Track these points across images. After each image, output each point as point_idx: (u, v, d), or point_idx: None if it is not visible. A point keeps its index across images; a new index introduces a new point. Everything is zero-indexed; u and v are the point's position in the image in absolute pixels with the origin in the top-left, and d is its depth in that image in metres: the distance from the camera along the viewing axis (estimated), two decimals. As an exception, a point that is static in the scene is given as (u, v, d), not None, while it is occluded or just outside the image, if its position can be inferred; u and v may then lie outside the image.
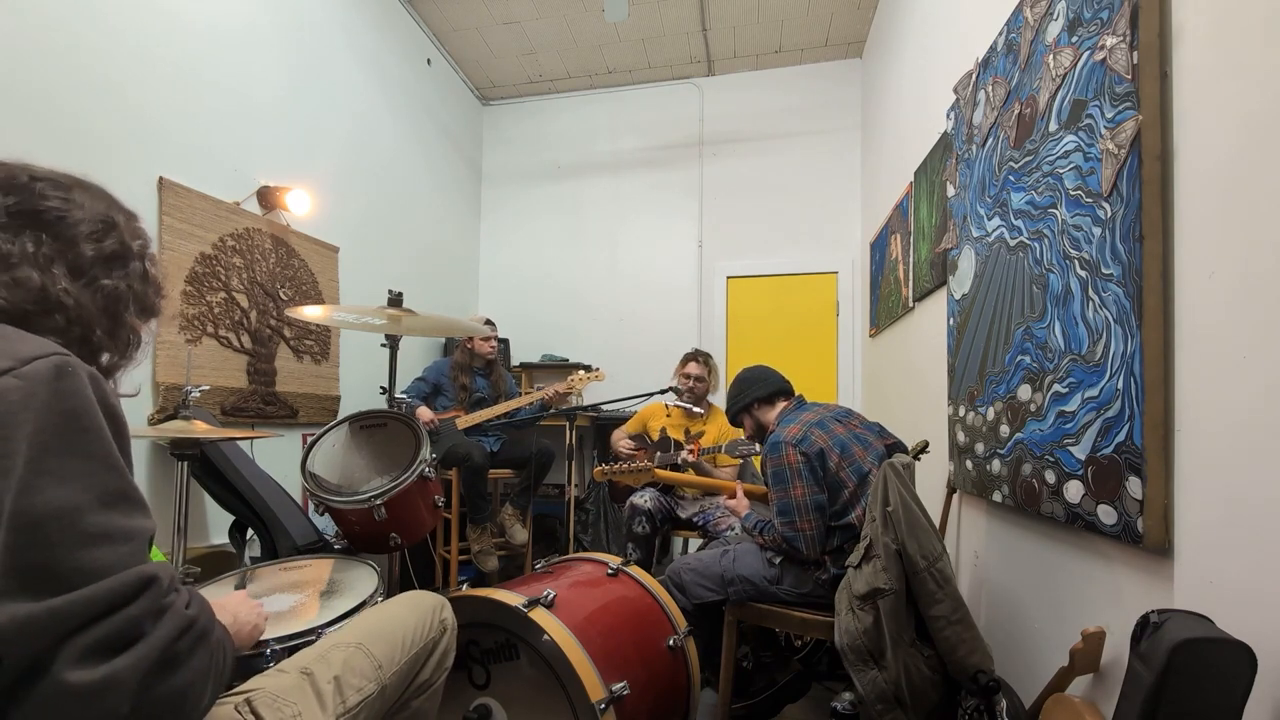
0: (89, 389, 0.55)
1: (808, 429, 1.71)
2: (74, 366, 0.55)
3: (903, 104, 2.97)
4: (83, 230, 0.68)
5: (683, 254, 4.34)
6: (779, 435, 1.73)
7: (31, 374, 0.52)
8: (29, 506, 0.49)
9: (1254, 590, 0.87)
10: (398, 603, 1.07)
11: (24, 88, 1.80)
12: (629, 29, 3.89)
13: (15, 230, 0.63)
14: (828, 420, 1.76)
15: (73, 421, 0.53)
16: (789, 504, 1.66)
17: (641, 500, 2.59)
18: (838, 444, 1.69)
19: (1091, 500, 1.18)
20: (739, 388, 1.99)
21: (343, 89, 3.23)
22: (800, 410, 1.85)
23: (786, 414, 1.86)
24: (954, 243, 2.00)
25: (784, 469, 1.67)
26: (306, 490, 1.61)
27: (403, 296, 1.80)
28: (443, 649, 1.06)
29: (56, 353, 0.55)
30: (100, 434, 0.55)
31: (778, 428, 1.80)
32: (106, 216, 0.71)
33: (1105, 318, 1.15)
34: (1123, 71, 1.11)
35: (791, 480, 1.66)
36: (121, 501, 0.56)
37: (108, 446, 0.56)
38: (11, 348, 0.53)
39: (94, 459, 0.54)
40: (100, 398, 0.56)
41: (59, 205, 0.67)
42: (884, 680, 1.43)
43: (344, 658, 0.89)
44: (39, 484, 0.50)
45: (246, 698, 0.78)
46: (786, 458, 1.68)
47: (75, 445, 0.53)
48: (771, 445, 1.73)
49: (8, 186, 0.65)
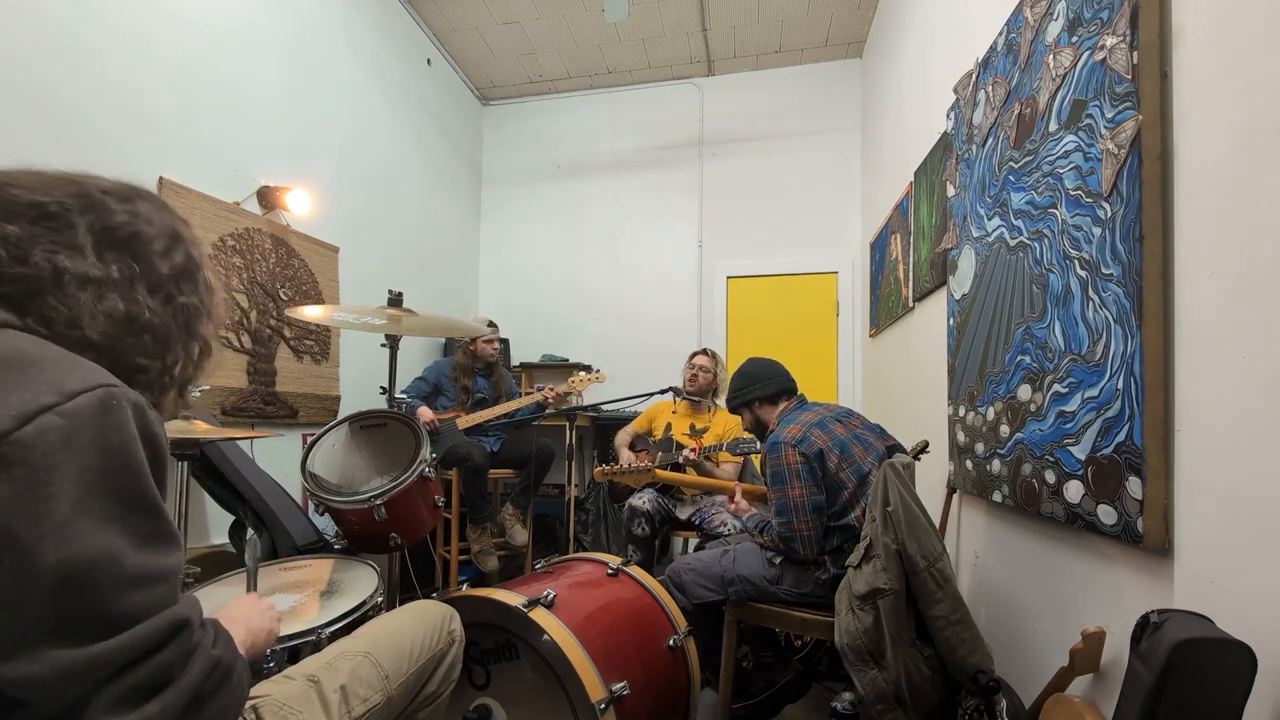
0: (132, 423, 0.53)
1: (807, 430, 1.71)
2: (119, 399, 0.53)
3: (903, 104, 2.97)
4: (156, 247, 0.65)
5: (683, 254, 4.34)
6: (778, 436, 1.73)
7: (75, 411, 0.49)
8: (72, 553, 0.48)
9: (1254, 590, 0.87)
10: (406, 613, 1.06)
11: (24, 87, 1.80)
12: (629, 29, 3.89)
13: (98, 253, 0.60)
14: (828, 421, 1.76)
15: (115, 460, 0.51)
16: (786, 504, 1.66)
17: (640, 502, 2.59)
18: (837, 444, 1.69)
19: (1091, 500, 1.18)
20: (743, 381, 1.98)
21: (343, 89, 3.23)
22: (801, 410, 1.84)
23: (787, 414, 1.86)
24: (954, 243, 2.00)
25: (783, 469, 1.68)
26: (306, 490, 1.61)
27: (403, 296, 1.80)
28: (450, 661, 1.05)
29: (102, 384, 0.52)
30: (140, 471, 0.53)
31: (777, 428, 1.79)
32: (172, 229, 0.68)
33: (1105, 318, 1.15)
34: (1123, 71, 1.11)
35: (790, 481, 1.66)
36: (158, 540, 0.55)
37: (146, 483, 0.54)
38: (58, 379, 0.50)
39: (132, 498, 0.53)
40: (143, 429, 0.54)
41: (129, 220, 0.63)
42: (884, 680, 1.43)
43: (351, 667, 0.89)
44: (82, 528, 0.49)
45: (253, 705, 0.78)
46: (785, 458, 1.68)
47: (115, 484, 0.51)
48: (771, 445, 1.73)
49: (84, 204, 0.61)
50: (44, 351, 0.53)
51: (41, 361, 0.51)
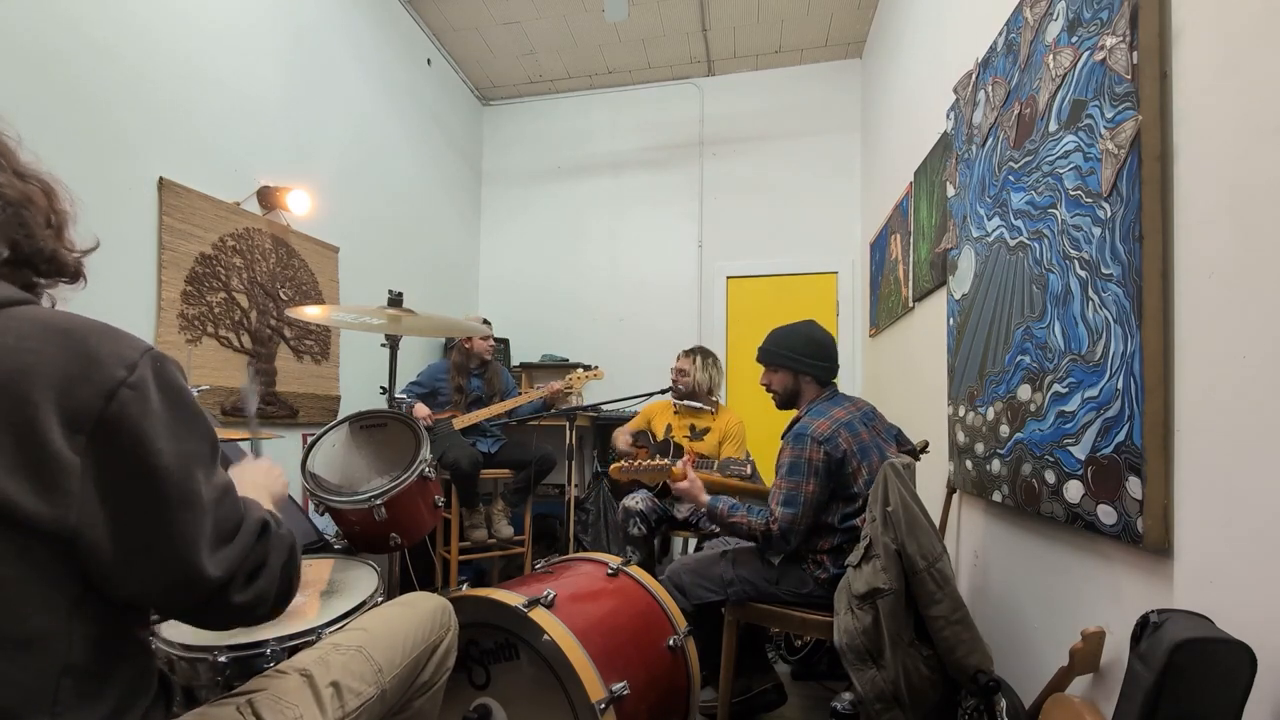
0: (177, 374, 0.64)
1: (837, 429, 1.68)
2: (159, 358, 0.63)
3: (903, 104, 2.97)
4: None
5: (683, 254, 4.34)
6: (807, 427, 1.69)
7: (141, 382, 0.59)
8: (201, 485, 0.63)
9: (1254, 590, 0.87)
10: (399, 605, 1.07)
11: (25, 87, 1.80)
12: (629, 29, 3.89)
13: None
14: (856, 423, 1.73)
15: (181, 407, 0.63)
16: (797, 496, 1.65)
17: (633, 502, 2.59)
18: (860, 450, 1.68)
19: (1091, 500, 1.18)
20: (811, 347, 1.84)
21: (343, 89, 3.23)
22: (834, 404, 1.79)
23: (819, 402, 1.81)
24: (954, 243, 2.00)
25: (803, 463, 1.66)
26: (306, 490, 1.61)
27: (403, 296, 1.80)
28: (443, 650, 1.06)
29: (147, 350, 0.62)
30: (200, 409, 0.66)
31: (807, 416, 1.76)
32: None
33: (1105, 318, 1.15)
34: (1122, 71, 1.11)
35: (808, 475, 1.65)
36: (218, 459, 0.68)
37: (208, 418, 0.67)
38: (115, 349, 0.59)
39: (208, 434, 0.66)
40: (179, 374, 0.65)
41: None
42: (883, 680, 1.43)
43: (344, 662, 0.89)
44: (196, 470, 0.63)
45: (249, 699, 0.78)
46: (810, 453, 1.65)
47: (196, 427, 0.64)
48: (797, 435, 1.69)
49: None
50: (80, 321, 0.61)
51: (90, 332, 0.60)
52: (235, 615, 0.68)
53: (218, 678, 1.02)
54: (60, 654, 0.57)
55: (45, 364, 0.55)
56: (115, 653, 0.62)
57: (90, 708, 0.59)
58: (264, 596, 0.68)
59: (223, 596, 0.64)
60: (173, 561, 0.61)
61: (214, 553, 0.63)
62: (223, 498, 0.66)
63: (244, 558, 0.66)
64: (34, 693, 0.55)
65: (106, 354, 0.58)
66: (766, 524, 1.68)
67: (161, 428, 0.60)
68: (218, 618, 0.68)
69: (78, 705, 0.58)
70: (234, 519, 0.67)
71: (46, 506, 0.54)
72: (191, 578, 0.62)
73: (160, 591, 0.62)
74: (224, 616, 0.67)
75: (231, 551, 0.65)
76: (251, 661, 1.03)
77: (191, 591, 0.63)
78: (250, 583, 0.67)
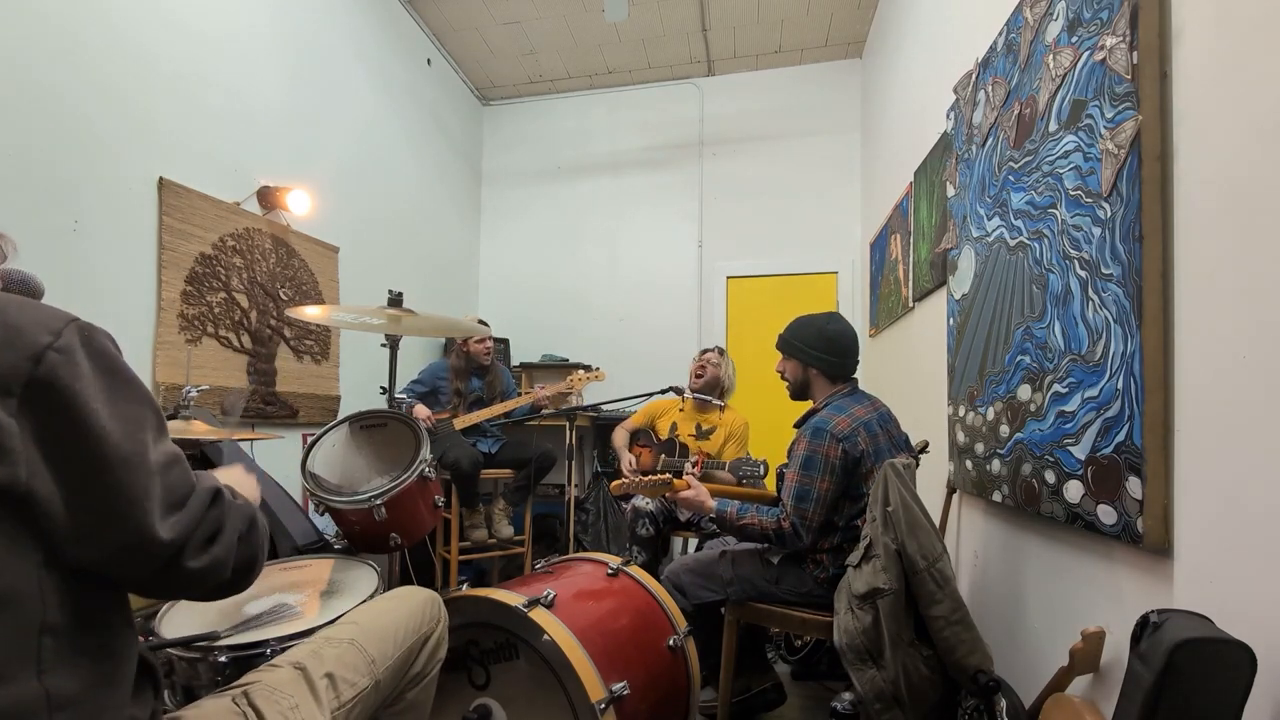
0: (109, 343, 0.65)
1: (856, 427, 1.66)
2: (87, 326, 0.63)
3: (903, 104, 2.97)
4: None
5: (683, 254, 4.34)
6: (827, 423, 1.67)
7: (68, 348, 0.60)
8: (146, 449, 0.64)
9: (1254, 590, 0.87)
10: (389, 598, 1.08)
11: (25, 87, 1.80)
12: (629, 29, 3.89)
13: None
14: (874, 424, 1.70)
15: (115, 374, 0.64)
16: (810, 492, 1.63)
17: (644, 503, 2.59)
18: (875, 452, 1.66)
19: (1091, 500, 1.18)
20: (825, 343, 1.80)
21: (343, 89, 3.23)
22: (854, 401, 1.76)
23: (839, 398, 1.78)
24: (954, 243, 2.00)
25: (819, 459, 1.64)
26: (306, 490, 1.61)
27: (403, 296, 1.80)
28: (434, 641, 1.07)
29: (72, 320, 0.62)
30: (135, 377, 0.66)
31: (826, 410, 1.73)
32: None
33: (1105, 318, 1.15)
34: (1123, 71, 1.11)
35: (823, 472, 1.63)
36: (165, 428, 0.69)
37: (144, 386, 0.67)
38: (37, 318, 0.60)
39: (147, 400, 0.66)
40: (111, 345, 0.66)
41: None
42: (883, 680, 1.43)
43: (337, 654, 0.90)
44: (138, 434, 0.64)
45: (244, 690, 0.79)
46: (828, 450, 1.64)
47: (133, 393, 0.65)
48: (816, 430, 1.67)
49: None
50: (2, 297, 0.61)
51: (11, 304, 0.60)
52: (192, 581, 0.68)
53: (217, 677, 1.02)
54: (36, 613, 0.58)
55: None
56: (91, 616, 0.63)
57: (73, 671, 0.60)
58: (220, 562, 0.69)
59: (177, 561, 0.65)
60: (122, 523, 0.61)
61: (164, 517, 0.64)
62: (171, 464, 0.67)
63: (197, 523, 0.67)
64: (17, 650, 0.56)
65: (28, 322, 0.59)
66: (778, 521, 1.66)
67: (95, 390, 0.61)
68: (174, 584, 0.68)
69: (60, 667, 0.59)
70: (185, 485, 0.68)
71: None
72: (143, 540, 0.62)
73: (114, 555, 0.63)
74: (180, 583, 0.68)
75: (185, 516, 0.66)
76: (251, 661, 1.02)
77: (145, 556, 0.63)
78: (206, 548, 0.68)
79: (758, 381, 3.65)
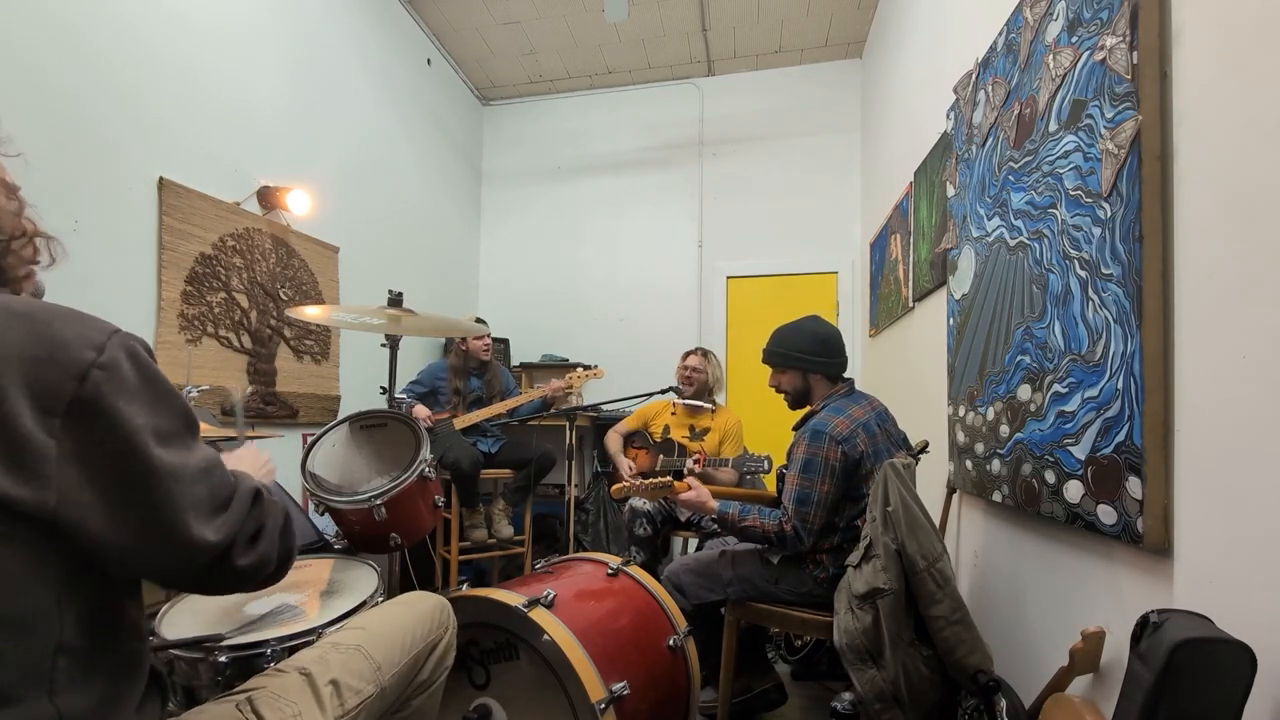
0: (148, 354, 0.65)
1: (855, 429, 1.66)
2: (128, 337, 0.63)
3: (903, 104, 2.97)
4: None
5: (683, 254, 4.34)
6: (825, 425, 1.67)
7: (112, 363, 0.60)
8: (187, 457, 0.65)
9: (1254, 590, 0.87)
10: (397, 604, 1.07)
11: (26, 87, 1.80)
12: (629, 29, 3.89)
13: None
14: (873, 424, 1.71)
15: (155, 388, 0.64)
16: (811, 495, 1.63)
17: (641, 503, 2.59)
18: (874, 452, 1.66)
19: (1091, 500, 1.18)
20: (817, 346, 1.81)
21: (343, 89, 3.23)
22: (851, 402, 1.76)
23: (837, 399, 1.78)
24: (954, 243, 2.00)
25: (818, 461, 1.64)
26: (306, 490, 1.61)
27: (403, 296, 1.80)
28: (442, 648, 1.06)
29: (114, 331, 0.62)
30: (172, 386, 0.67)
31: (824, 413, 1.72)
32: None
33: (1105, 318, 1.15)
34: (1123, 71, 1.11)
35: (823, 474, 1.63)
36: (198, 435, 0.70)
37: (180, 397, 0.68)
38: (80, 331, 0.59)
39: (184, 409, 0.67)
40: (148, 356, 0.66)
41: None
42: (883, 680, 1.43)
43: (343, 660, 0.89)
44: (179, 443, 0.65)
45: (248, 696, 0.79)
46: (827, 452, 1.63)
47: (172, 403, 0.65)
48: (814, 433, 1.67)
49: None
50: (42, 306, 0.61)
51: (54, 316, 0.60)
52: (242, 578, 0.71)
53: (218, 678, 1.02)
54: (53, 633, 0.58)
55: (7, 349, 0.56)
56: (108, 634, 0.63)
57: (85, 689, 0.60)
58: (267, 559, 0.72)
59: (227, 561, 0.67)
60: (170, 532, 0.62)
61: (211, 519, 0.65)
62: (211, 468, 0.68)
63: (242, 522, 0.69)
64: (31, 672, 0.56)
65: (71, 337, 0.59)
66: (780, 524, 1.66)
67: (139, 405, 0.61)
68: (223, 582, 0.71)
69: (73, 686, 0.59)
70: (227, 487, 0.69)
71: (25, 490, 0.55)
72: (191, 546, 0.63)
73: (162, 563, 0.64)
74: (230, 581, 0.71)
75: (230, 517, 0.67)
76: (252, 661, 1.03)
77: (194, 559, 0.64)
78: (252, 545, 0.70)
79: (758, 381, 3.63)
